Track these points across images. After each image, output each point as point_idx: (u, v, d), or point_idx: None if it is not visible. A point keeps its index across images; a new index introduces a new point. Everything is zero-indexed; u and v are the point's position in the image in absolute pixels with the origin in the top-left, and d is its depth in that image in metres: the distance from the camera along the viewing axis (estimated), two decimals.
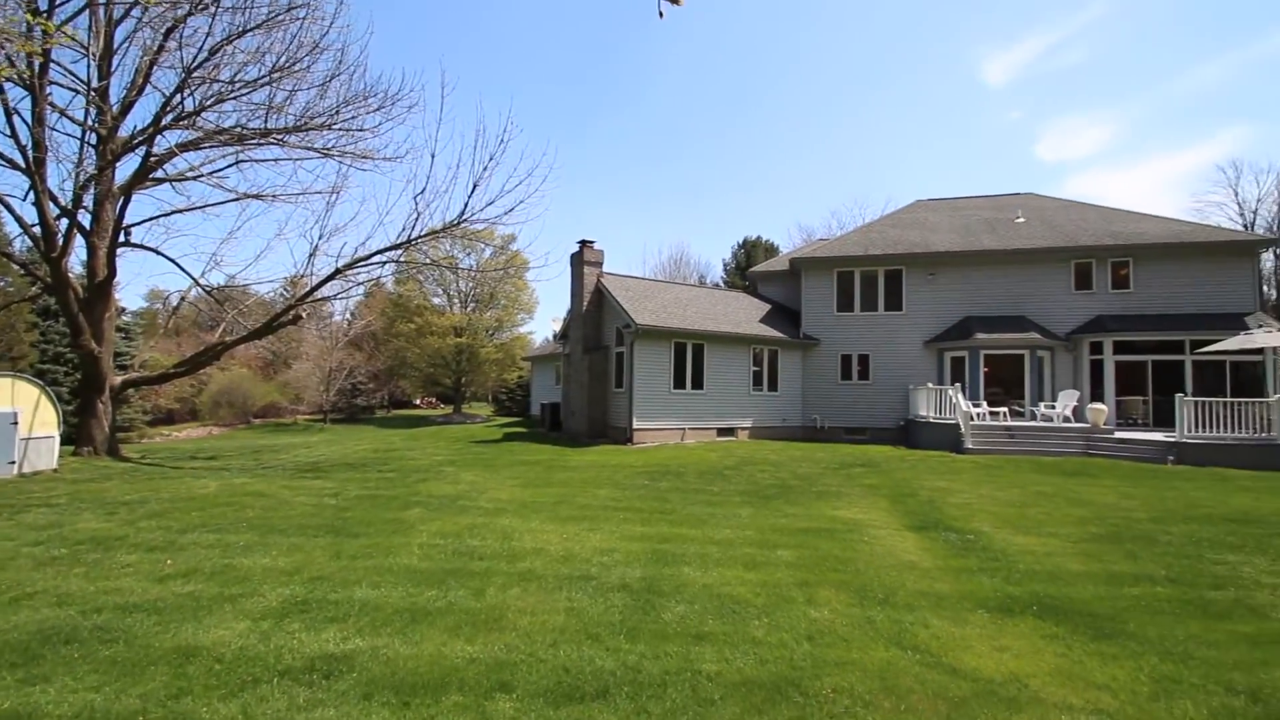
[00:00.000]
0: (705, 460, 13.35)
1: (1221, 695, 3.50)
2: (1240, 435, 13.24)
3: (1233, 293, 17.84)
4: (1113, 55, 77.28)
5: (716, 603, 4.91)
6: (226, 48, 12.27)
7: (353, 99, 13.38)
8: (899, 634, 4.32)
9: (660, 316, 17.46)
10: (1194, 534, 7.23)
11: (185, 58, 12.10)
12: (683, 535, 7.01)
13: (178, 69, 12.27)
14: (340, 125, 13.44)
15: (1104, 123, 75.41)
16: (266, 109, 12.92)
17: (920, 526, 7.60)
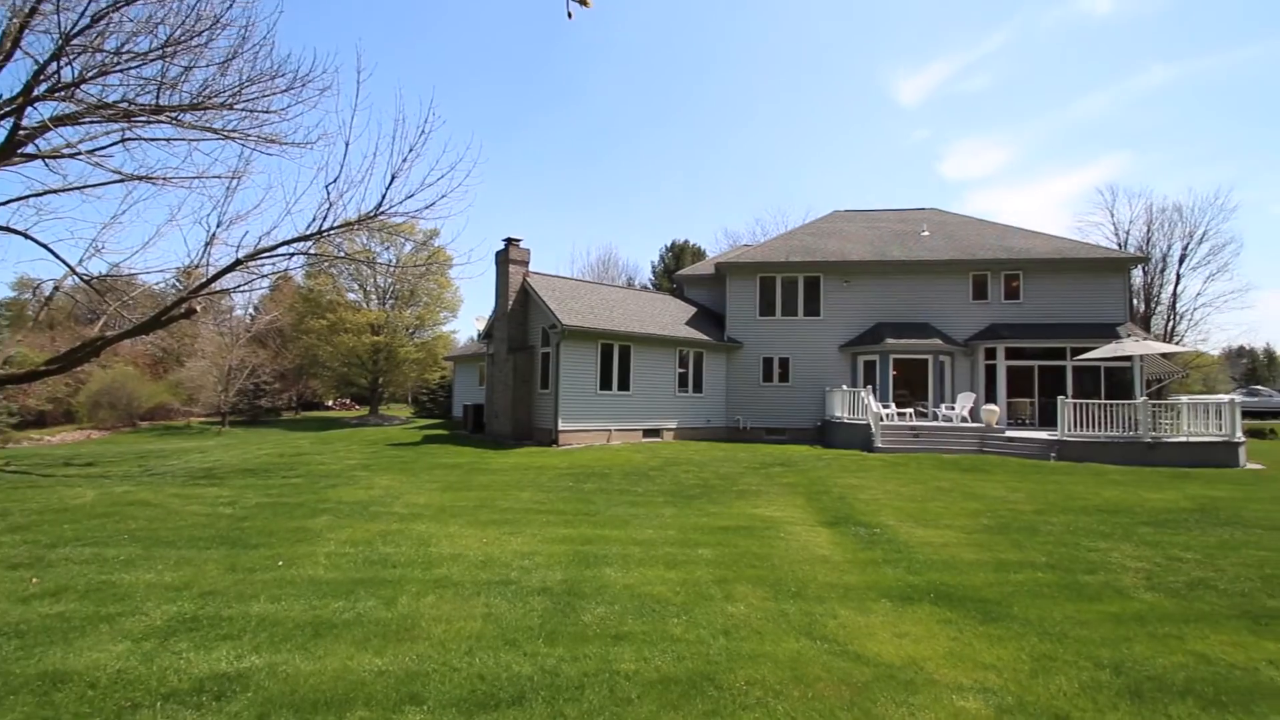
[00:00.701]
0: (631, 461, 13.41)
1: (1091, 670, 3.85)
2: (1112, 434, 14.67)
3: (1107, 305, 19.78)
4: (1012, 83, 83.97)
5: (637, 602, 4.93)
6: (112, 15, 11.20)
7: (258, 78, 12.51)
8: (809, 625, 4.50)
9: (587, 317, 17.41)
10: (1071, 524, 7.94)
11: (63, 22, 10.95)
12: (606, 536, 7.01)
13: (54, 34, 11.09)
14: (244, 106, 12.56)
15: (1001, 145, 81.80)
16: (158, 84, 11.89)
17: (832, 522, 7.95)
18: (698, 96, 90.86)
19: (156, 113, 12.04)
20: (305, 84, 12.87)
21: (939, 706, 3.38)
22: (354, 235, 14.43)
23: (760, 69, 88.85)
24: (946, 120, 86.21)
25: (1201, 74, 74.50)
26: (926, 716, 3.28)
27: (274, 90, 12.76)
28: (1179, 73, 74.31)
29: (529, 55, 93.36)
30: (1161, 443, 14.28)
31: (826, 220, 25.49)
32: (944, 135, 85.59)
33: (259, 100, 12.67)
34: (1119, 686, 3.64)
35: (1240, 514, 8.55)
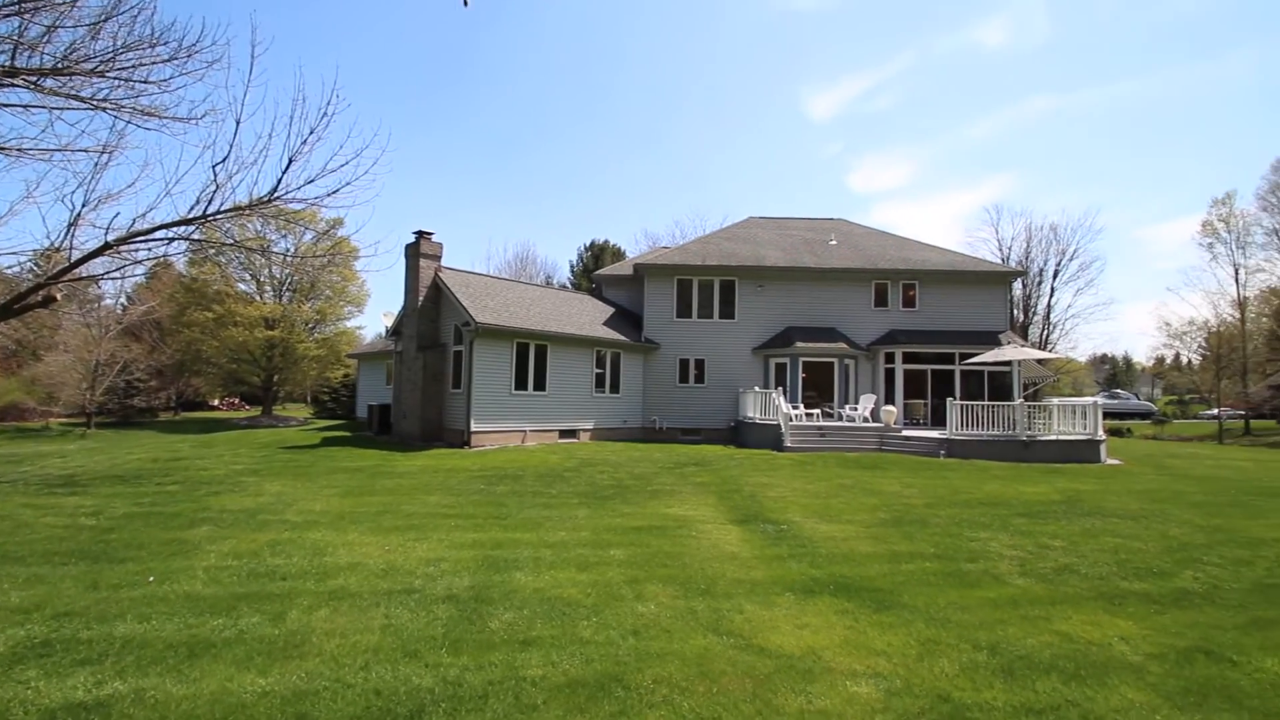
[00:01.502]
0: (546, 463, 13.22)
1: (970, 652, 4.15)
2: (994, 433, 15.98)
3: (992, 314, 21.55)
4: (913, 104, 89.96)
5: (546, 606, 4.85)
6: None
7: (135, 45, 11.31)
8: (717, 621, 4.58)
9: (502, 315, 17.01)
10: (956, 516, 8.56)
11: None
12: (517, 540, 6.86)
13: None
14: (117, 74, 11.33)
15: (903, 162, 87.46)
16: (14, 44, 10.51)
17: (742, 520, 8.17)
18: (620, 97, 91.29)
19: (11, 75, 10.64)
20: (191, 54, 11.78)
21: (834, 693, 3.52)
22: (246, 221, 13.35)
23: (682, 74, 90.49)
24: (855, 136, 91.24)
25: (1077, 106, 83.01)
26: (822, 704, 3.41)
27: (155, 59, 11.60)
28: (1058, 104, 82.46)
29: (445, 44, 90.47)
30: (1036, 441, 15.70)
31: (742, 226, 26.25)
32: (853, 150, 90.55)
33: (137, 69, 11.48)
34: (994, 666, 3.94)
35: (1101, 505, 9.53)
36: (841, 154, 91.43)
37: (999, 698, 3.52)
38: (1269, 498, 10.66)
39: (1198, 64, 77.78)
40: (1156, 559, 6.54)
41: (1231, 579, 5.91)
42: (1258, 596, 5.42)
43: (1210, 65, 77.13)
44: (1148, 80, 79.82)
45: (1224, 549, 7.02)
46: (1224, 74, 76.44)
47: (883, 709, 3.37)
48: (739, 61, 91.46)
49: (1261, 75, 75.08)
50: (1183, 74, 78.68)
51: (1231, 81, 77.08)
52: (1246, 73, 75.68)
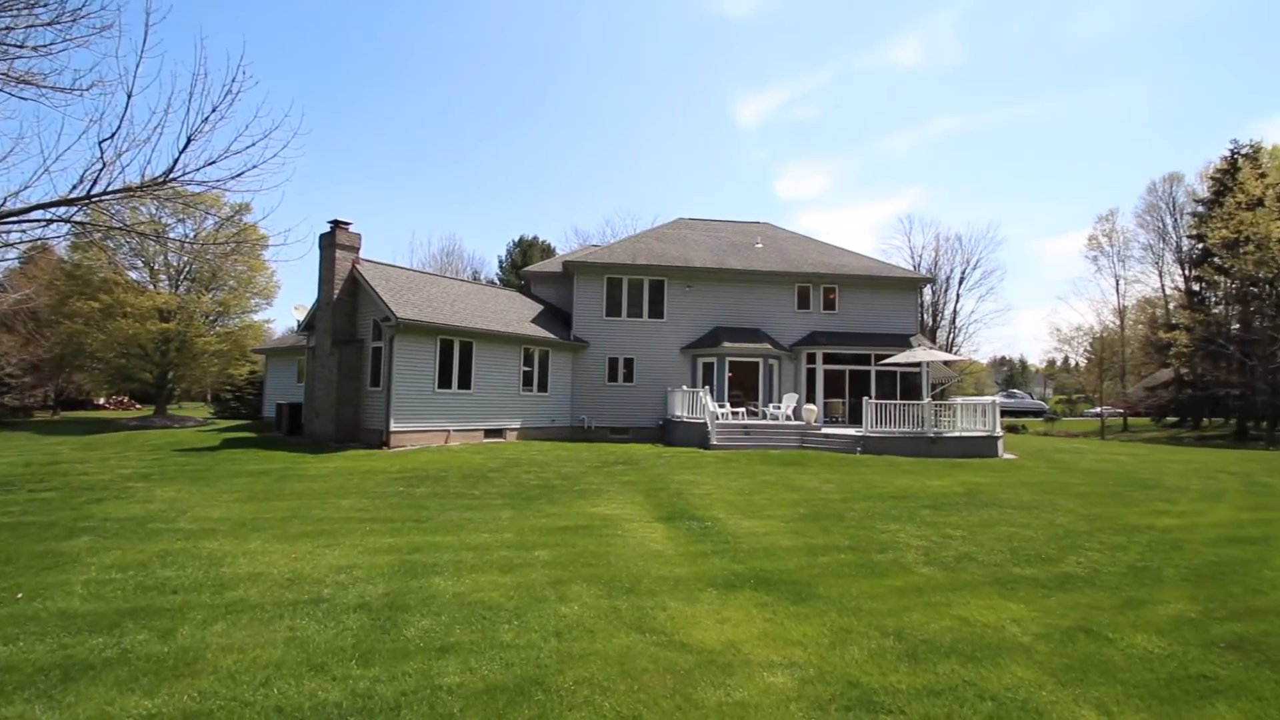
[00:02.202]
0: (470, 463, 12.88)
1: (879, 638, 4.35)
2: (905, 430, 16.88)
3: (904, 318, 22.77)
4: (834, 117, 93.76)
5: (466, 611, 4.71)
6: None
7: (8, 5, 10.15)
8: (640, 619, 4.59)
9: (425, 311, 16.44)
10: (870, 509, 8.98)
11: None
12: (437, 543, 6.63)
13: None
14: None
15: (825, 171, 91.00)
16: None
17: (668, 517, 8.24)
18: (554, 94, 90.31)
19: None
20: (77, 19, 10.68)
21: (751, 685, 3.60)
22: (138, 203, 12.23)
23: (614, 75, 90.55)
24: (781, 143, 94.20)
25: (982, 125, 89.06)
26: (740, 695, 3.48)
27: (33, 22, 10.44)
28: (964, 122, 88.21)
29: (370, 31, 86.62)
30: (942, 437, 16.72)
31: (672, 226, 26.54)
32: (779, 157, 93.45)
33: (11, 32, 10.29)
34: (900, 651, 4.15)
35: (997, 497, 10.25)
36: (768, 160, 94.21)
37: (903, 681, 3.70)
38: (1142, 489, 11.80)
39: (1090, 91, 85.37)
40: (1045, 546, 7.10)
41: (1109, 563, 6.49)
42: (1131, 578, 5.98)
43: (1101, 93, 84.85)
44: (1045, 104, 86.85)
45: (1103, 536, 7.71)
46: (1113, 101, 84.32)
47: (796, 697, 3.48)
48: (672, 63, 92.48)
49: (1146, 105, 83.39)
50: (1077, 100, 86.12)
51: (1119, 109, 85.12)
52: (1133, 102, 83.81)
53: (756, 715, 3.29)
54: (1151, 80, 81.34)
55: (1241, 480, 13.46)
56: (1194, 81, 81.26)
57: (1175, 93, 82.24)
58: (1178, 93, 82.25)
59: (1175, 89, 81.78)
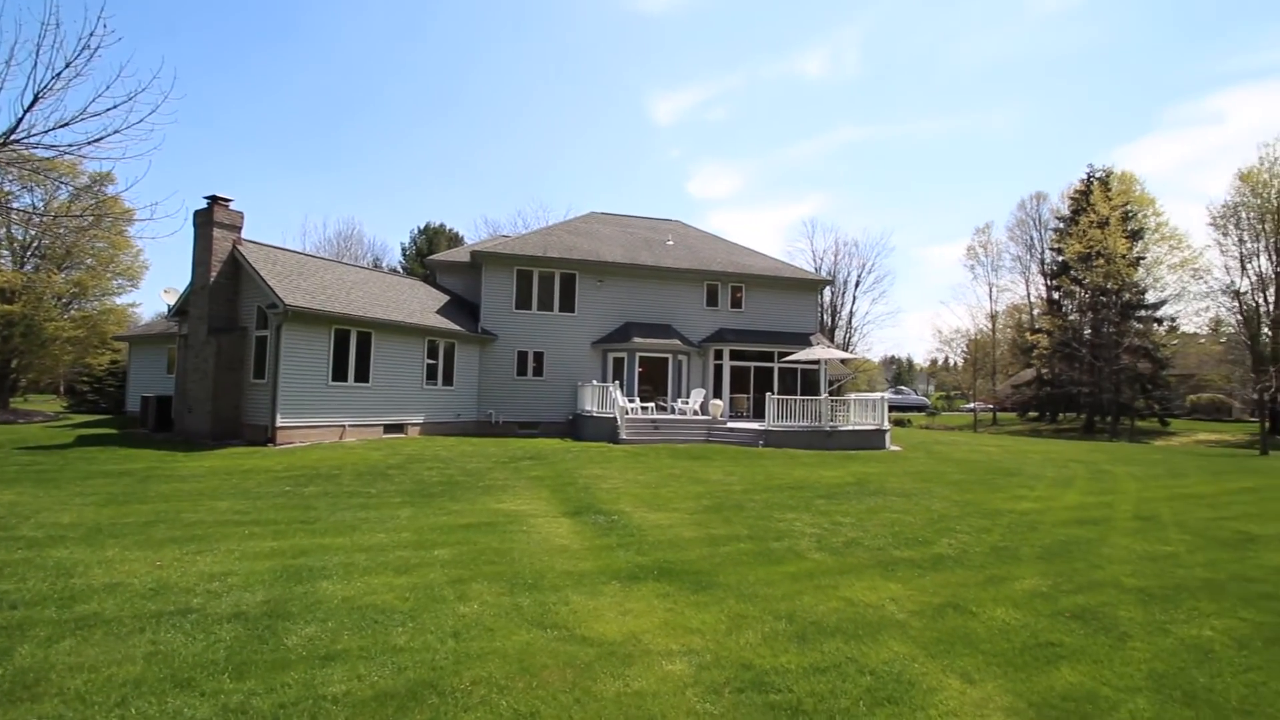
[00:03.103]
0: (367, 460, 12.23)
1: (771, 622, 4.54)
2: (804, 424, 17.74)
3: (805, 317, 23.89)
4: (744, 120, 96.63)
5: (356, 616, 4.46)
6: None
7: None
8: (542, 615, 4.54)
9: (318, 298, 15.41)
10: (769, 500, 9.37)
11: None
12: (326, 546, 6.24)
13: None
14: None
15: (735, 173, 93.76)
16: None
17: (575, 512, 8.20)
18: (468, 79, 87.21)
19: None
20: None
21: (650, 674, 3.65)
22: None
23: (529, 66, 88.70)
24: (694, 143, 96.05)
25: (879, 138, 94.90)
26: (639, 685, 3.52)
27: None
28: (864, 134, 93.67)
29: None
30: (837, 431, 17.72)
31: (584, 220, 26.39)
32: (692, 156, 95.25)
33: None
34: (791, 633, 4.36)
35: (883, 486, 10.99)
36: (681, 159, 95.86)
37: (793, 661, 3.89)
38: (1006, 477, 13.05)
39: (974, 113, 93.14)
40: (922, 530, 7.69)
41: (976, 544, 7.12)
42: (993, 558, 6.60)
43: (983, 114, 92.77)
44: (935, 122, 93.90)
45: (971, 520, 8.46)
46: (993, 123, 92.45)
47: (693, 683, 3.57)
48: (588, 56, 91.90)
49: (1022, 127, 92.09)
50: (962, 119, 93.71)
51: (998, 129, 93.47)
52: (1011, 124, 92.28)
53: (654, 703, 3.33)
54: (1027, 105, 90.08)
55: (1087, 468, 15.22)
56: (1063, 109, 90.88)
57: (1047, 118, 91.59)
58: (1049, 118, 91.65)
59: (1047, 114, 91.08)
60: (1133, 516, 9.13)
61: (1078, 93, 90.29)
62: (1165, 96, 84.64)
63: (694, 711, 3.27)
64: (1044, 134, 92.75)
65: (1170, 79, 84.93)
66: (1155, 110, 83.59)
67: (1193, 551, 7.13)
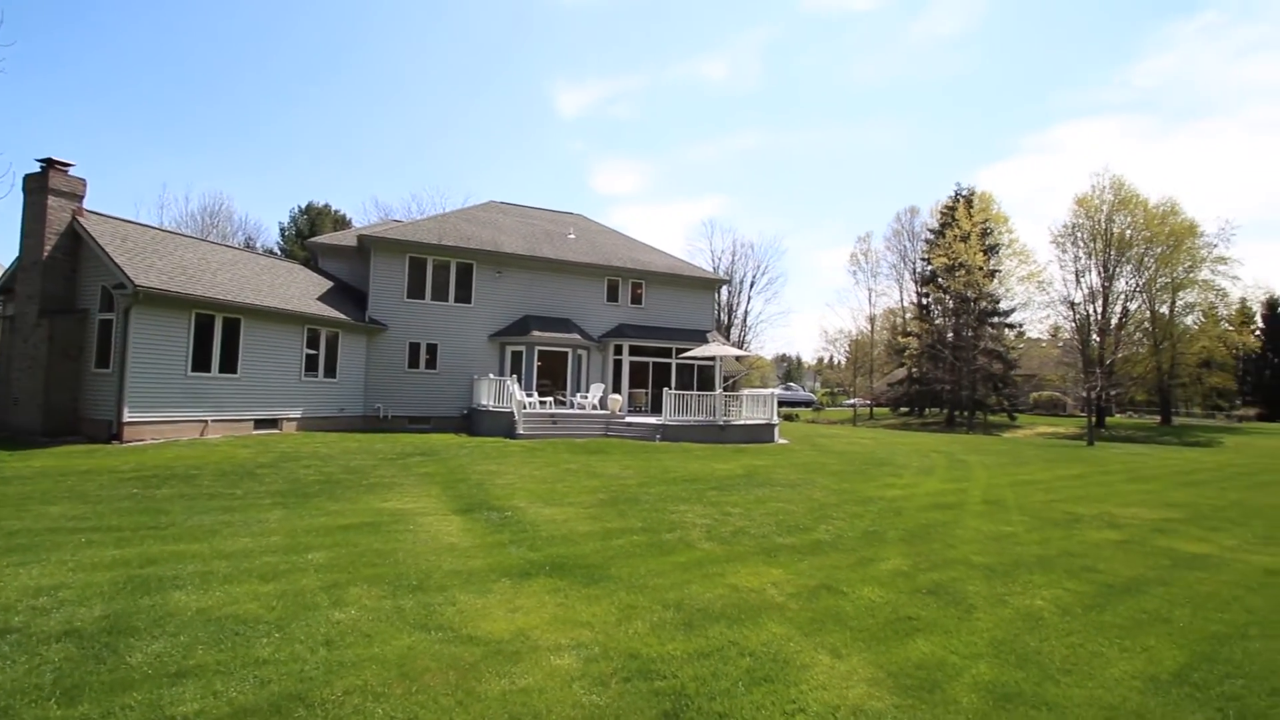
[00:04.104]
0: (233, 458, 11.20)
1: (660, 611, 4.65)
2: (699, 418, 18.27)
3: (702, 315, 24.58)
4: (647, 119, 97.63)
5: (214, 628, 4.08)
6: None
7: None
8: (426, 617, 4.37)
9: (178, 279, 13.89)
10: (664, 493, 9.57)
11: None
12: (180, 553, 5.65)
13: None
14: None
15: (637, 171, 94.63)
16: None
17: (466, 509, 7.96)
18: (363, 55, 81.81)
19: None
20: None
21: (537, 670, 3.62)
22: None
23: (434, 48, 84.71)
24: (598, 138, 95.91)
25: (776, 145, 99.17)
26: (525, 682, 3.48)
27: None
28: (762, 140, 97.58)
29: None
30: (730, 425, 18.40)
31: (483, 209, 25.62)
32: (595, 151, 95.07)
33: None
34: (678, 621, 4.48)
35: (770, 477, 11.55)
36: (585, 152, 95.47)
37: (679, 648, 4.00)
38: (878, 466, 14.14)
39: (862, 126, 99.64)
40: (803, 518, 8.17)
41: (849, 529, 7.67)
42: (864, 541, 7.13)
43: (871, 129, 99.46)
44: (828, 132, 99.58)
45: (847, 507, 9.09)
46: (880, 137, 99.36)
47: (580, 676, 3.58)
48: (495, 42, 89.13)
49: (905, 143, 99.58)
50: (852, 132, 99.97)
51: (884, 144, 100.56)
52: (895, 139, 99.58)
53: (540, 699, 3.31)
54: (909, 124, 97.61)
55: (946, 458, 16.81)
56: (940, 130, 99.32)
57: (925, 138, 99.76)
58: (927, 138, 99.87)
59: (926, 134, 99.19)
60: (982, 501, 10.20)
61: (953, 117, 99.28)
62: (1021, 126, 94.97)
63: (580, 704, 3.28)
64: (922, 152, 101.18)
65: (1025, 110, 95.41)
66: (1013, 137, 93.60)
67: (1029, 531, 8.07)
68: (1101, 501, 10.55)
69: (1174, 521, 9.03)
